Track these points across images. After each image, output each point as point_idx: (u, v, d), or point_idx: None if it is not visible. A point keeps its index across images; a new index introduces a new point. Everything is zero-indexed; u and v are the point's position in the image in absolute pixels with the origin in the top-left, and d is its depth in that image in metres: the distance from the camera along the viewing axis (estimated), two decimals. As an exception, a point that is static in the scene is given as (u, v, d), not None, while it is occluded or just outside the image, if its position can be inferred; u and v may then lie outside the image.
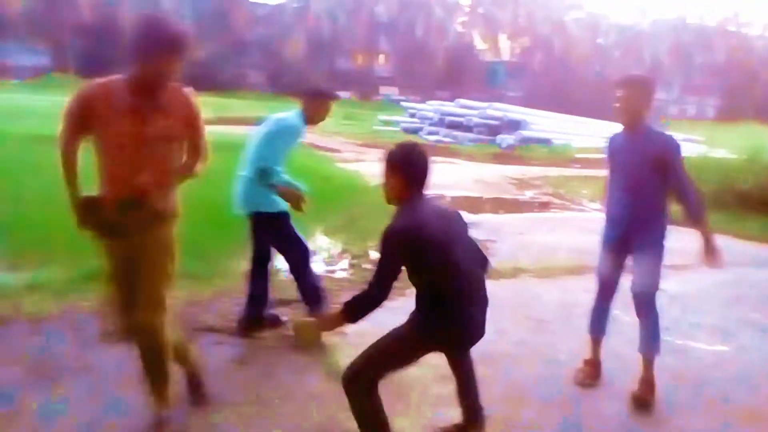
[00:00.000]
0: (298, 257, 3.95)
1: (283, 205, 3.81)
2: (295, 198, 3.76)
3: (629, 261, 3.51)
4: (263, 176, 3.68)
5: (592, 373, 3.66)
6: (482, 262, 2.82)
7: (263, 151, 3.73)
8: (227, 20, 42.25)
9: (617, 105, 3.38)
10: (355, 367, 2.58)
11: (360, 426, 2.59)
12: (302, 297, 4.00)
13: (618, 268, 3.56)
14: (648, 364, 3.44)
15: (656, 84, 3.51)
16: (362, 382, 2.56)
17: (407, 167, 2.64)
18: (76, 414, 2.94)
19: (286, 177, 3.81)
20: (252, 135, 3.88)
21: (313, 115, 3.87)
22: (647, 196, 3.36)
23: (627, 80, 3.40)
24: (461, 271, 2.58)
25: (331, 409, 3.11)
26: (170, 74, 2.54)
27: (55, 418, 2.88)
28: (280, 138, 3.76)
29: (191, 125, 2.71)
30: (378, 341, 2.63)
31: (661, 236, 3.39)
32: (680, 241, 3.64)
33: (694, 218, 3.29)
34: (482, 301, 2.67)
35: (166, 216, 2.72)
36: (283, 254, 4.00)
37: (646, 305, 3.44)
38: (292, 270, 4.00)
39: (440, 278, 2.55)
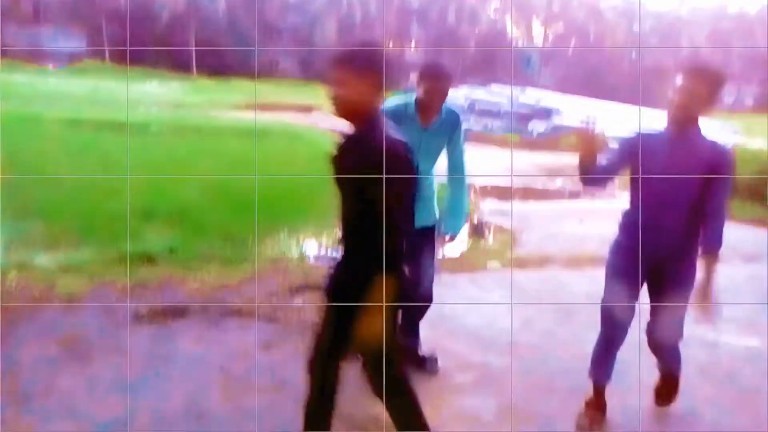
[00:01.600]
0: None
1: None
2: None
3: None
4: None
5: (598, 417, 3.06)
6: None
7: None
8: (259, 6, 42.38)
9: (672, 96, 2.65)
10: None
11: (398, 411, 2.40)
12: None
13: (633, 305, 2.88)
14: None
15: (726, 80, 2.73)
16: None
17: (379, 68, 2.04)
18: (106, 393, 3.01)
19: None
20: None
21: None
22: (687, 218, 2.73)
23: (692, 68, 2.69)
24: None
25: (356, 394, 3.13)
26: None
27: (85, 398, 2.96)
28: None
29: None
30: None
31: (694, 271, 2.75)
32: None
33: (710, 248, 2.69)
34: None
35: None
36: None
37: (667, 354, 2.99)
38: None
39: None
